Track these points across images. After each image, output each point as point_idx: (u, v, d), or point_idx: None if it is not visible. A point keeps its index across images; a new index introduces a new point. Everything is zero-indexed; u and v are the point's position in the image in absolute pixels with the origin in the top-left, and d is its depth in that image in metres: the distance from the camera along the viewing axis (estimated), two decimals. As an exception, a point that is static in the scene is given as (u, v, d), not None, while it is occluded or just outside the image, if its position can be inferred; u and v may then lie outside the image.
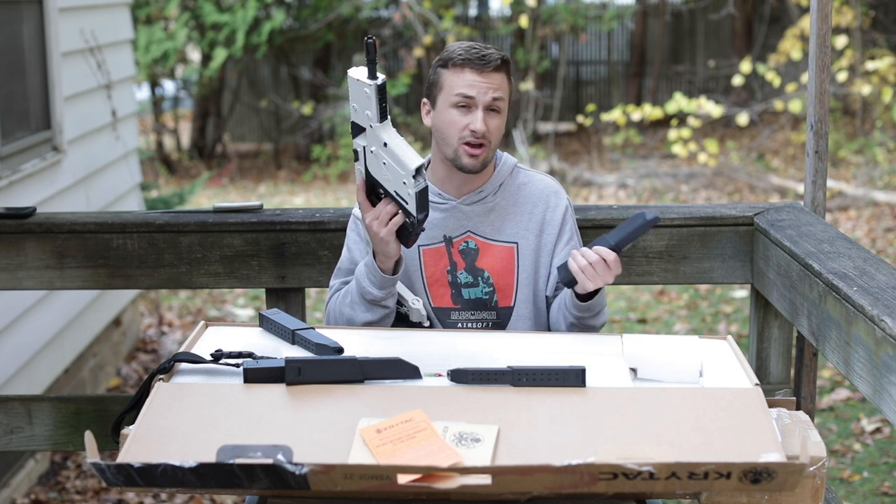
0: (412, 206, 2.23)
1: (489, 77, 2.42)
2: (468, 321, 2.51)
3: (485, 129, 2.42)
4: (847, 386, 5.23)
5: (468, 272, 2.50)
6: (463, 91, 2.41)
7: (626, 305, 6.89)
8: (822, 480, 1.91)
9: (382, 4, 12.90)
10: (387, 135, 2.22)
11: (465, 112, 2.42)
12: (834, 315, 2.29)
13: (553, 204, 2.55)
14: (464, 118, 2.42)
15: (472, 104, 2.42)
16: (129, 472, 1.72)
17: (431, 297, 2.50)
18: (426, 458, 1.78)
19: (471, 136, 2.42)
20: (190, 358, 2.11)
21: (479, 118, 2.41)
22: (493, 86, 2.42)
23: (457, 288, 2.50)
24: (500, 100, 2.43)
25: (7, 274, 2.89)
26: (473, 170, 2.45)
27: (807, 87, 4.10)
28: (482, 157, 2.44)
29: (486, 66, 2.41)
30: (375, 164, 2.26)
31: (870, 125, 10.74)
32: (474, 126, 2.41)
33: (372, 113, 2.21)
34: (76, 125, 5.26)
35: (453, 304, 2.50)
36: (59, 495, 4.41)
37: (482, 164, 2.46)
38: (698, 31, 14.86)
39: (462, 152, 2.43)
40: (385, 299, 2.42)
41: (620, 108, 9.50)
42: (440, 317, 2.50)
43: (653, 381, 2.12)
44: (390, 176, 2.24)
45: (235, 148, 14.07)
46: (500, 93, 2.43)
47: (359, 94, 2.22)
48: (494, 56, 2.43)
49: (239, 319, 6.78)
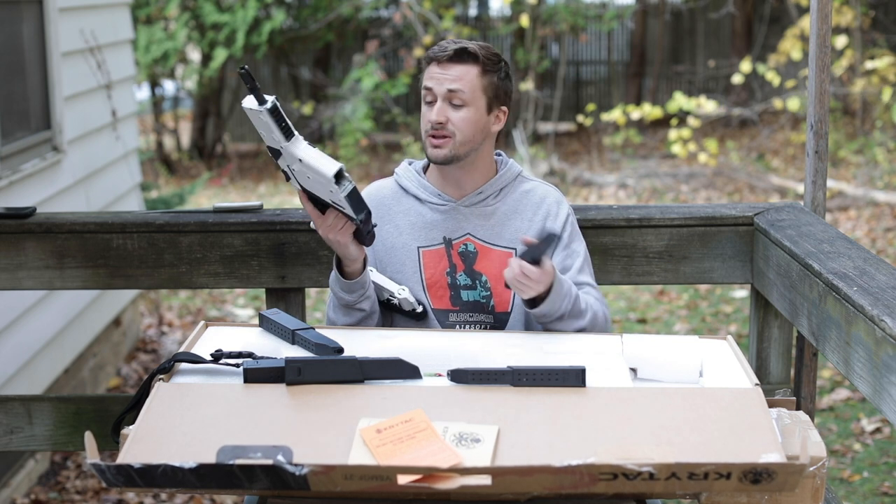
0: (348, 209, 2.26)
1: (445, 68, 2.43)
2: (466, 323, 2.50)
3: (442, 119, 2.42)
4: (847, 386, 5.23)
5: (467, 275, 2.50)
6: (425, 84, 2.46)
7: (626, 305, 6.89)
8: (822, 480, 1.91)
9: (382, 4, 12.90)
10: (299, 150, 2.24)
11: (430, 106, 2.46)
12: (834, 315, 2.29)
13: (554, 212, 2.54)
14: (429, 111, 2.46)
15: (433, 96, 2.45)
16: (129, 472, 1.72)
17: (431, 298, 2.50)
18: (426, 458, 1.78)
19: (430, 127, 2.45)
20: (190, 358, 2.11)
21: (436, 109, 2.43)
22: (450, 77, 2.42)
23: (456, 290, 2.50)
24: (459, 91, 2.42)
25: (7, 274, 2.89)
26: (437, 161, 2.46)
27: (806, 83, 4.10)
28: (446, 147, 2.44)
29: (442, 57, 2.43)
30: (304, 178, 2.29)
31: (870, 125, 10.74)
32: (430, 116, 2.44)
33: (277, 135, 2.23)
34: (76, 125, 5.26)
35: (452, 306, 2.50)
36: (59, 495, 4.41)
37: (447, 156, 2.45)
38: (698, 30, 14.86)
39: (427, 143, 2.46)
40: (358, 303, 2.44)
41: (620, 107, 9.50)
42: (439, 318, 2.50)
43: (653, 381, 2.12)
44: (319, 187, 2.27)
45: (235, 148, 14.06)
46: (459, 84, 2.42)
47: (258, 122, 2.25)
48: (452, 46, 2.43)
49: (239, 319, 6.78)
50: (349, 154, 11.68)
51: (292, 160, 2.25)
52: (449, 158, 2.45)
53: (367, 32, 13.01)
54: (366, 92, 11.52)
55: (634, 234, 2.88)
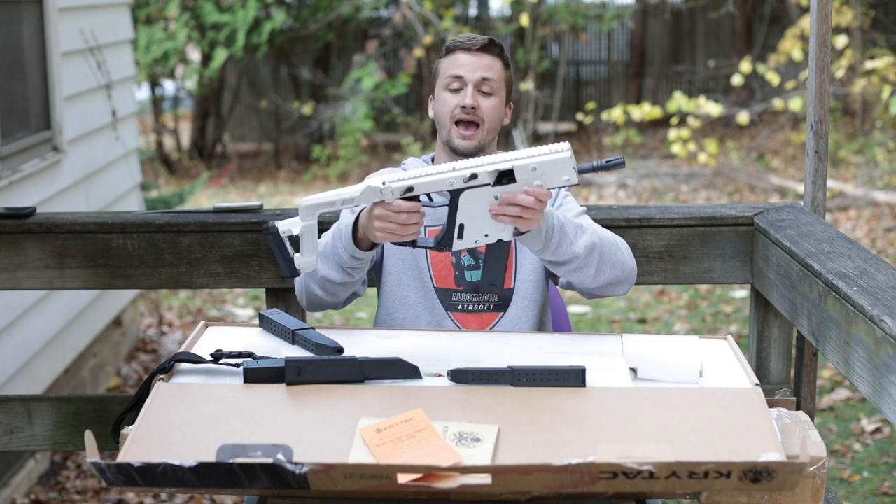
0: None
1: (478, 56, 2.47)
2: (470, 303, 2.51)
3: (474, 104, 2.44)
4: (847, 386, 5.23)
5: (470, 254, 2.52)
6: (453, 72, 2.48)
7: (626, 305, 6.89)
8: (822, 480, 1.91)
9: (382, 4, 12.90)
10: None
11: (456, 93, 2.48)
12: (834, 315, 2.29)
13: (554, 199, 2.57)
14: (455, 98, 2.47)
15: (462, 83, 2.47)
16: (129, 471, 1.72)
17: (435, 277, 2.52)
18: (426, 457, 1.78)
19: (461, 112, 2.46)
20: (190, 358, 2.11)
21: (469, 93, 2.45)
22: (483, 65, 2.47)
23: (460, 270, 2.52)
24: (490, 80, 2.47)
25: (7, 274, 2.89)
26: (466, 152, 2.46)
27: (806, 84, 4.10)
28: (476, 137, 2.47)
29: (473, 46, 2.48)
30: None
31: (870, 125, 10.74)
32: (464, 101, 2.45)
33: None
34: (76, 125, 5.26)
35: (456, 286, 2.51)
36: (59, 495, 4.41)
37: (476, 146, 2.47)
38: (698, 30, 14.86)
39: (454, 133, 2.47)
40: (351, 268, 2.35)
41: (620, 107, 9.50)
42: (443, 298, 2.51)
43: (653, 381, 2.12)
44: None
45: (235, 148, 14.07)
46: (491, 73, 2.47)
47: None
48: (483, 38, 2.49)
49: (239, 319, 6.78)
50: (349, 154, 11.68)
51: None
52: (477, 148, 2.48)
53: (367, 32, 13.02)
54: (366, 92, 11.52)
55: (634, 234, 2.88)
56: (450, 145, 2.49)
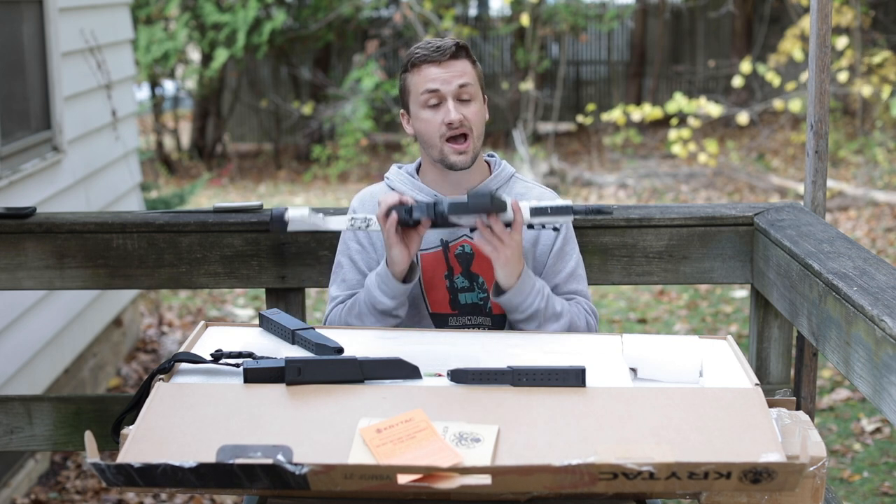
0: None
1: (449, 66, 2.39)
2: (465, 326, 2.48)
3: (460, 118, 2.38)
4: (847, 386, 5.23)
5: (464, 277, 2.47)
6: (427, 87, 2.39)
7: (626, 305, 6.89)
8: (822, 480, 1.91)
9: (382, 4, 12.90)
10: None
11: (436, 109, 2.40)
12: (834, 315, 2.29)
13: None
14: (437, 115, 2.40)
15: (441, 97, 2.39)
16: (129, 472, 1.72)
17: (430, 302, 2.48)
18: (426, 458, 1.78)
19: (448, 129, 2.39)
20: (190, 358, 2.11)
21: (451, 107, 2.38)
22: (456, 73, 2.39)
23: (454, 293, 2.47)
24: (468, 85, 2.40)
25: (7, 274, 2.89)
26: (464, 166, 2.42)
27: (807, 85, 4.11)
28: (469, 149, 2.41)
29: (443, 56, 2.39)
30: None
31: (870, 125, 10.74)
32: (448, 118, 2.38)
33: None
34: (76, 125, 5.27)
35: (451, 310, 2.48)
36: (59, 495, 4.41)
37: (472, 158, 2.42)
38: (698, 30, 14.86)
39: (448, 151, 2.41)
40: (396, 309, 2.40)
41: (620, 107, 9.50)
42: (438, 323, 2.48)
43: (653, 381, 2.12)
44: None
45: (235, 148, 14.07)
46: (465, 78, 2.40)
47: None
48: (448, 44, 2.40)
49: (239, 319, 6.78)
50: (349, 154, 11.68)
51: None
52: (474, 160, 2.44)
53: (367, 32, 13.02)
54: (366, 92, 11.52)
55: (634, 234, 2.88)
56: (444, 163, 2.42)
